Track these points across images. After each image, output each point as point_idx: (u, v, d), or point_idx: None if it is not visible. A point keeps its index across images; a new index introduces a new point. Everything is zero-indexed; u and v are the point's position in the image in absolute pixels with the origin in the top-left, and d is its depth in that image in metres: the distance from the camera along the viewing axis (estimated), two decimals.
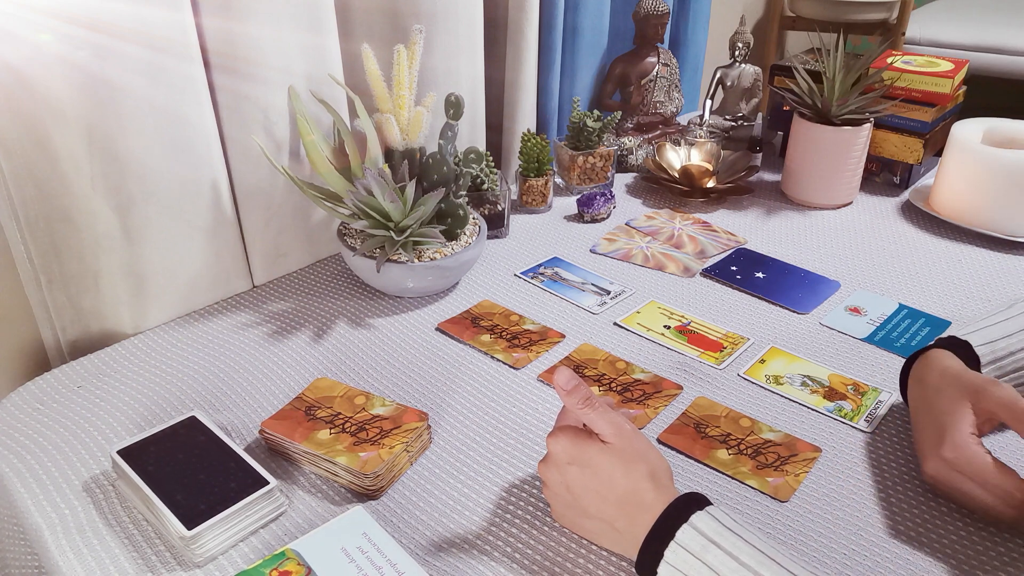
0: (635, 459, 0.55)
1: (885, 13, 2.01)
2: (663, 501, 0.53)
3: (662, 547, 0.51)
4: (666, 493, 0.53)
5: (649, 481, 0.54)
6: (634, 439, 0.56)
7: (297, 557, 0.57)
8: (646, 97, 1.28)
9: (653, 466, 0.55)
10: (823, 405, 0.74)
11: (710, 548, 0.49)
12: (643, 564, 0.52)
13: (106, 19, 0.71)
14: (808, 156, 1.12)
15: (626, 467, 0.54)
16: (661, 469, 0.56)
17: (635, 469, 0.54)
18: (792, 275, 0.97)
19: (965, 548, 0.59)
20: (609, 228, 1.09)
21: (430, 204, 0.83)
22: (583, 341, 0.84)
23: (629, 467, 0.54)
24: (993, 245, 1.03)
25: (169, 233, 0.83)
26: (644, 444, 0.56)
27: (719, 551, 0.49)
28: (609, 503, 0.55)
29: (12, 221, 0.74)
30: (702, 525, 0.50)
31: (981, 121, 1.09)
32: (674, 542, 0.50)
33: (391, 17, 0.97)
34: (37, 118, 0.70)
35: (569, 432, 0.57)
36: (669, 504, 0.52)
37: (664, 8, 1.22)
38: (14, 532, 0.64)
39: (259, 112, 0.85)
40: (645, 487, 0.54)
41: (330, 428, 0.67)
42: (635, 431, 0.57)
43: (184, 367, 0.79)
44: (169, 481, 0.60)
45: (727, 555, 0.49)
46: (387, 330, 0.86)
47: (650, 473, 0.54)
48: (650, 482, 0.54)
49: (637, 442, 0.56)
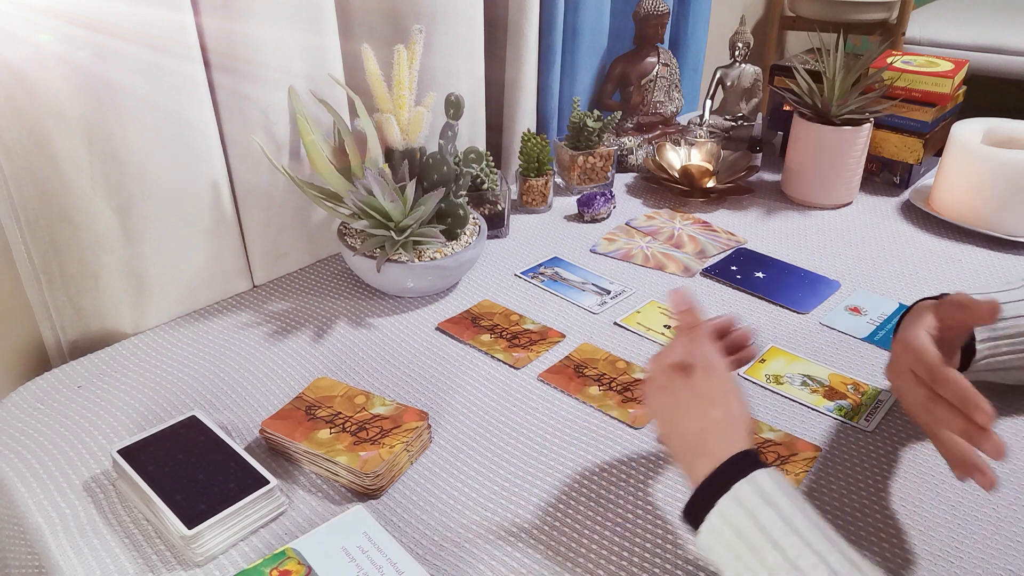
0: (713, 401, 0.54)
1: (885, 13, 2.01)
2: (727, 451, 0.51)
3: (715, 497, 0.49)
4: (733, 443, 0.52)
5: (721, 427, 0.53)
6: (719, 382, 0.55)
7: (297, 556, 0.57)
8: (646, 97, 1.28)
9: (730, 413, 0.54)
10: (823, 404, 0.74)
11: (764, 508, 0.47)
12: (692, 508, 0.51)
13: (106, 19, 0.71)
14: (808, 156, 1.12)
15: (702, 407, 0.54)
16: (738, 418, 0.54)
17: (710, 412, 0.53)
18: (792, 275, 0.97)
19: (965, 547, 0.59)
20: (609, 228, 1.09)
21: (430, 204, 0.84)
22: (583, 341, 0.84)
23: (705, 408, 0.54)
24: (993, 245, 1.03)
25: (169, 233, 0.83)
26: (728, 388, 0.55)
27: (773, 513, 0.47)
28: (680, 437, 0.54)
29: (12, 221, 0.74)
30: (763, 483, 0.49)
31: (981, 121, 1.09)
32: (730, 494, 0.49)
33: (391, 17, 0.97)
34: (37, 118, 0.70)
35: (666, 355, 0.57)
36: (731, 456, 0.51)
37: (664, 8, 1.22)
38: (14, 531, 0.64)
39: (259, 112, 0.85)
40: (714, 433, 0.52)
41: (330, 428, 0.67)
42: (724, 373, 0.56)
43: (184, 367, 0.79)
44: (169, 480, 0.61)
45: (780, 519, 0.47)
46: (387, 330, 0.86)
47: (725, 418, 0.53)
48: (721, 429, 0.53)
49: (722, 384, 0.55)
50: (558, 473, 0.66)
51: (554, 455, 0.68)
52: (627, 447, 0.69)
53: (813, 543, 0.46)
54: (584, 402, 0.74)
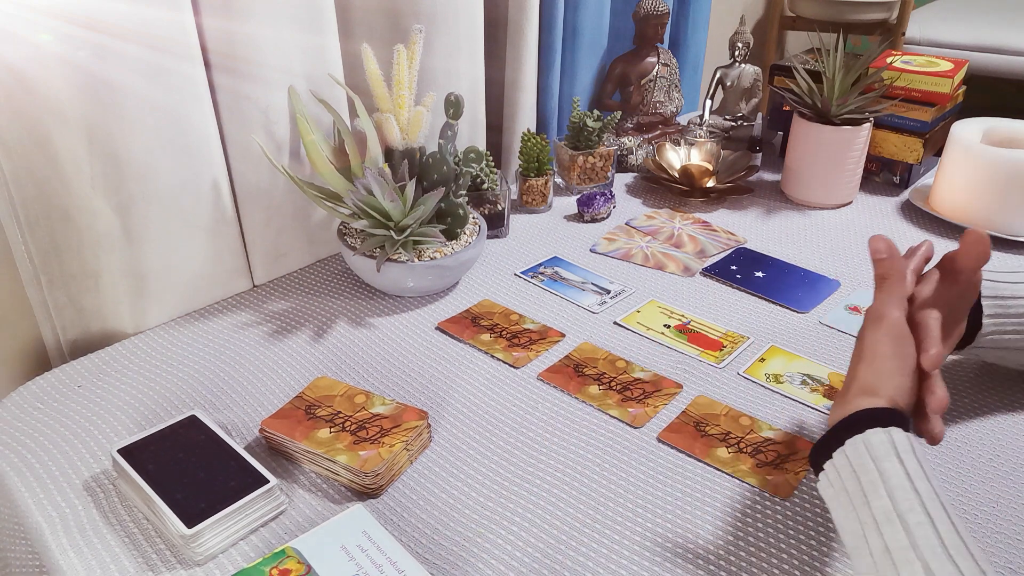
0: (867, 356, 0.55)
1: (885, 13, 2.01)
2: (858, 404, 0.52)
3: (846, 435, 0.50)
4: (868, 401, 0.53)
5: (862, 382, 0.54)
6: (882, 341, 0.55)
7: (297, 555, 0.57)
8: (646, 97, 1.28)
9: (878, 374, 0.54)
10: (823, 403, 0.74)
11: (891, 459, 0.48)
12: (821, 447, 0.52)
13: (106, 19, 0.71)
14: (808, 156, 1.12)
15: (858, 354, 0.56)
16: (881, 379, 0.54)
17: (860, 364, 0.55)
18: (792, 274, 0.97)
19: None
20: (609, 228, 1.09)
21: (430, 204, 0.84)
22: (583, 340, 0.84)
23: (860, 356, 0.56)
24: (993, 245, 1.02)
25: (169, 233, 0.83)
26: (889, 349, 0.55)
27: (898, 466, 0.47)
28: (850, 373, 0.57)
29: (12, 221, 0.74)
30: (897, 439, 0.49)
31: (981, 121, 1.09)
32: (861, 436, 0.50)
33: (391, 17, 0.97)
34: (37, 118, 0.70)
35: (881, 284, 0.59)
36: (872, 408, 0.52)
37: (664, 8, 1.22)
38: (15, 531, 0.64)
39: (259, 112, 0.85)
40: (855, 384, 0.54)
41: (330, 427, 0.67)
42: (895, 330, 0.56)
43: (184, 366, 0.79)
44: (169, 480, 0.61)
45: (904, 475, 0.47)
46: (387, 329, 0.86)
47: (871, 370, 0.54)
48: (862, 385, 0.54)
49: (883, 346, 0.55)
50: (558, 472, 0.66)
51: (554, 454, 0.68)
52: (627, 446, 0.69)
53: (928, 504, 0.45)
54: (584, 401, 0.74)
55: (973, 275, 0.62)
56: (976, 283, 0.63)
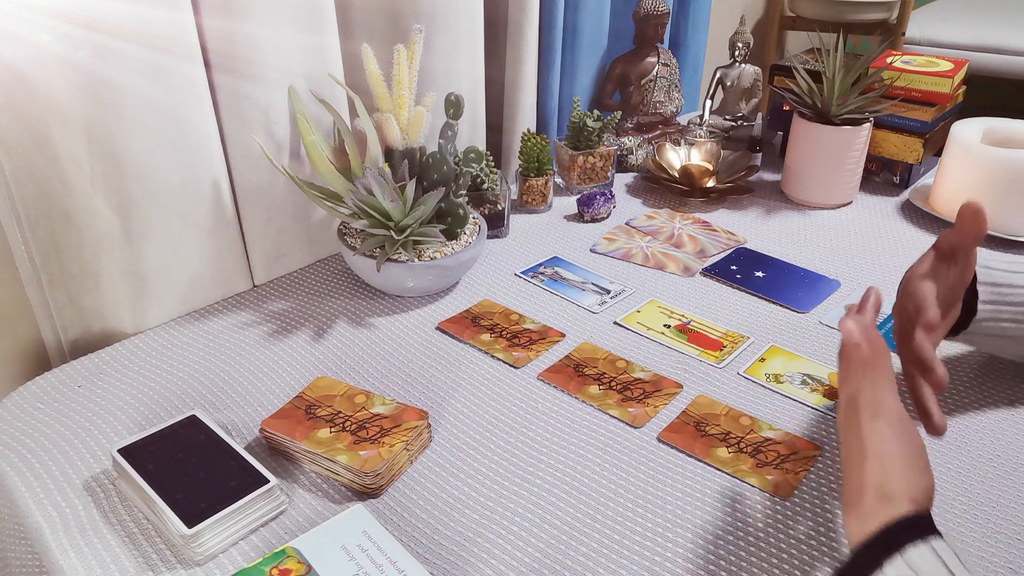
0: (874, 455, 0.48)
1: (885, 13, 2.01)
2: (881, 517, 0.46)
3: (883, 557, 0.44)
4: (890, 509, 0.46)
5: (877, 487, 0.47)
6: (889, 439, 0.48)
7: (297, 555, 0.57)
8: (646, 97, 1.28)
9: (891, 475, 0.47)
10: (823, 403, 0.74)
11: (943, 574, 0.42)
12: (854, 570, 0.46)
13: (106, 19, 0.71)
14: (808, 156, 1.12)
15: (860, 452, 0.49)
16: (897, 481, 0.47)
17: (867, 465, 0.48)
18: (792, 274, 0.97)
19: (965, 544, 0.59)
20: (609, 228, 1.09)
21: (430, 203, 0.84)
22: (583, 340, 0.84)
23: (863, 454, 0.48)
24: (993, 245, 1.03)
25: (169, 233, 0.83)
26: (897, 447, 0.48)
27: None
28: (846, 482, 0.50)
29: (13, 221, 0.74)
30: (938, 548, 0.44)
31: (981, 121, 1.09)
32: (902, 557, 0.44)
33: (391, 17, 0.97)
34: (37, 118, 0.70)
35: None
36: (900, 518, 0.45)
37: (664, 8, 1.22)
38: (15, 531, 0.64)
39: (259, 112, 0.85)
40: (869, 491, 0.47)
41: (330, 427, 0.67)
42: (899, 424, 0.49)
43: (184, 366, 0.79)
44: (169, 480, 0.61)
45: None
46: (387, 329, 0.86)
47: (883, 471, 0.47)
48: (877, 491, 0.47)
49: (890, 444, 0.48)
50: (558, 472, 0.66)
51: (554, 454, 0.68)
52: (627, 446, 0.69)
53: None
54: (584, 401, 0.74)
55: (970, 252, 0.62)
56: (971, 263, 0.63)
